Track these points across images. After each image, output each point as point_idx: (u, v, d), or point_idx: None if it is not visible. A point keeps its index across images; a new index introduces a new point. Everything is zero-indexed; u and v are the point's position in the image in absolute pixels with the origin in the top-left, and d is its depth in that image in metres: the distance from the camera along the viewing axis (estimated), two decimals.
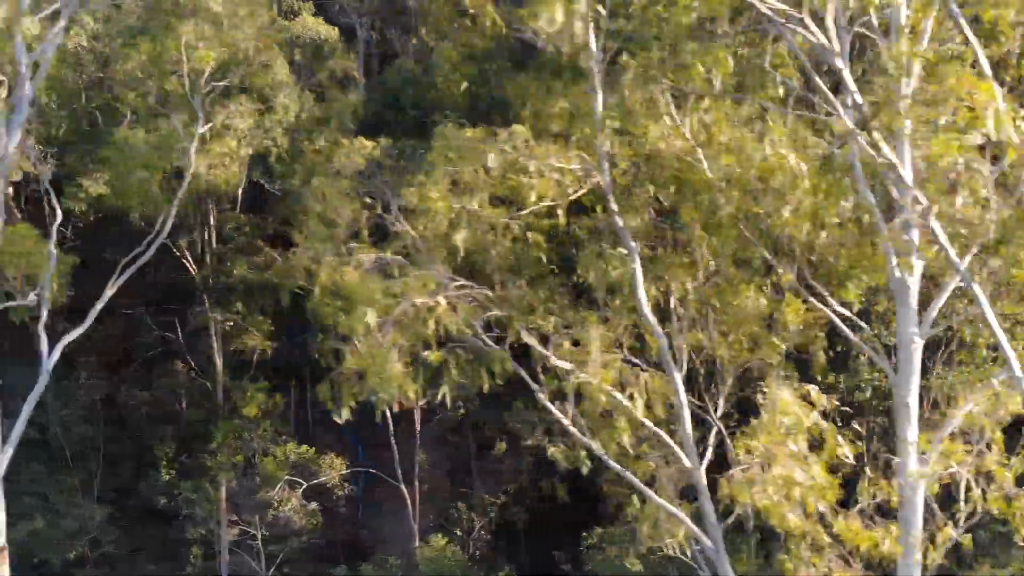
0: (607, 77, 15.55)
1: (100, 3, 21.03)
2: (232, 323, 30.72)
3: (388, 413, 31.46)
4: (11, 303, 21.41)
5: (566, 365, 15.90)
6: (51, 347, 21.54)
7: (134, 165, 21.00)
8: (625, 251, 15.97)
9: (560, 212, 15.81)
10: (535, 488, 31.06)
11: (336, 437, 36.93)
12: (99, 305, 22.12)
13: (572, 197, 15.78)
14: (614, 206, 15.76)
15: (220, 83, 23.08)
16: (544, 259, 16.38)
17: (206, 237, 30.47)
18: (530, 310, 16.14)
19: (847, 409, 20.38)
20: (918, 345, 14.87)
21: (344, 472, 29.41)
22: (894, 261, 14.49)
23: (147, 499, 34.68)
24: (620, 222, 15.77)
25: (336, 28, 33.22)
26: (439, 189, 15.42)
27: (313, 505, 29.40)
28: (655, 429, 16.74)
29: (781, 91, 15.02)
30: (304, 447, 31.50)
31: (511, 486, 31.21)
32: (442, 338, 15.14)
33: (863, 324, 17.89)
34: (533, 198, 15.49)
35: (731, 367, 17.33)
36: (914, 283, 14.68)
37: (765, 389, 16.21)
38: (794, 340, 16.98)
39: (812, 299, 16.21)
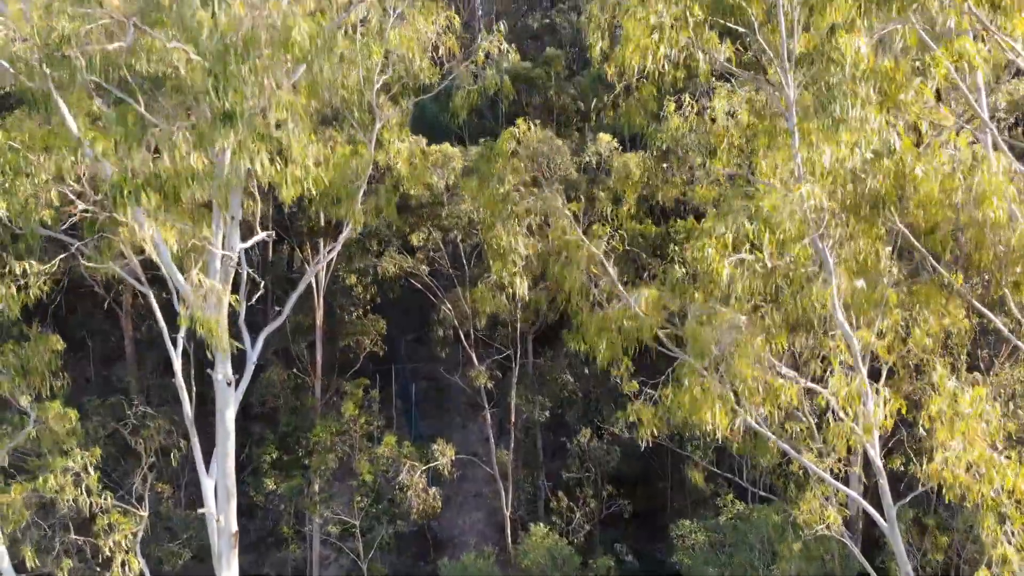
0: None
1: None
2: (349, 320, 31.77)
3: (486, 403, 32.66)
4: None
5: None
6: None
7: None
8: None
9: None
10: (621, 477, 32.67)
11: (407, 429, 38.26)
12: (294, 295, 23.09)
13: None
14: None
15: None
16: None
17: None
18: None
19: None
20: None
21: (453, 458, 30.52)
22: None
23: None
24: None
25: None
26: None
27: (434, 489, 30.45)
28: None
29: None
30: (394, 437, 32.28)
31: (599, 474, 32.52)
32: None
33: None
34: None
35: None
36: None
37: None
38: None
39: None
